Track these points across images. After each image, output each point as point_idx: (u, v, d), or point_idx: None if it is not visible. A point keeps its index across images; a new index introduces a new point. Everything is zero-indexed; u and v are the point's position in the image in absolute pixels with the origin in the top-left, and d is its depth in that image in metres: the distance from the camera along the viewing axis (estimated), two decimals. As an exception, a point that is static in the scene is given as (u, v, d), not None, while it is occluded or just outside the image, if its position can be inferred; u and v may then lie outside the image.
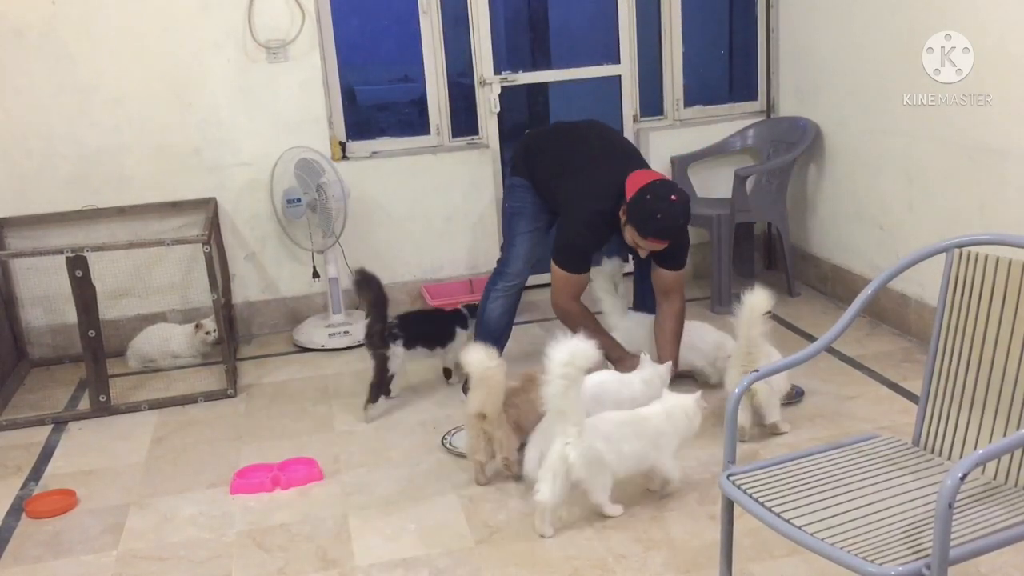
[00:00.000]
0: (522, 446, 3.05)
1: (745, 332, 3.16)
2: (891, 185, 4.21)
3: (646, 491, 2.99)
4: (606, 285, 3.88)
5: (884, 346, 4.09)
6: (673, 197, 3.33)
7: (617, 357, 3.54)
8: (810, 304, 4.67)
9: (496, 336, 3.76)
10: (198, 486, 3.24)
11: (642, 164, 3.63)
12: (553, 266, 3.57)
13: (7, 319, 4.39)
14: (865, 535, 1.87)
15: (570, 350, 2.64)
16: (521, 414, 3.06)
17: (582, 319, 3.52)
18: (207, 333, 4.31)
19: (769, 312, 3.19)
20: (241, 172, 4.59)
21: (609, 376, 3.23)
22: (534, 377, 3.18)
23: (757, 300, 3.12)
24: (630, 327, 3.80)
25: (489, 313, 3.84)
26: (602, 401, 3.13)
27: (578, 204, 3.55)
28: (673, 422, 2.89)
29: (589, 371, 2.77)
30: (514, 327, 4.63)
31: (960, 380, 2.20)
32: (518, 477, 3.06)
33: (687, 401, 2.93)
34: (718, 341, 3.68)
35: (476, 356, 2.98)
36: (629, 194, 3.38)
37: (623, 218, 3.42)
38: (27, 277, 4.40)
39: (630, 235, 3.42)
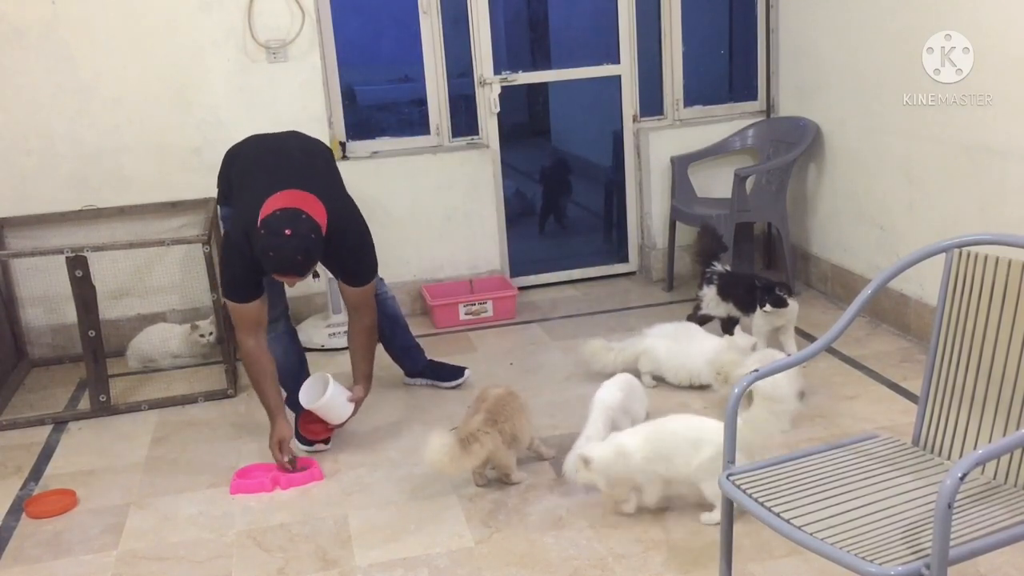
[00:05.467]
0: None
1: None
2: (891, 185, 4.21)
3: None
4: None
5: (884, 346, 4.09)
6: (287, 232, 2.90)
7: (273, 419, 3.27)
8: (810, 304, 4.67)
9: (295, 376, 3.48)
10: (198, 486, 3.24)
11: (301, 183, 3.11)
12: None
13: (7, 319, 4.38)
14: (865, 535, 1.87)
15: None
16: (516, 427, 3.06)
17: (252, 363, 3.22)
18: (201, 335, 4.30)
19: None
20: (241, 172, 4.58)
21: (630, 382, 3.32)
22: (512, 392, 3.18)
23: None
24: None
25: (277, 360, 3.37)
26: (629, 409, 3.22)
27: (227, 228, 3.26)
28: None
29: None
30: (515, 327, 4.66)
31: (960, 380, 2.20)
32: (517, 483, 3.08)
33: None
34: (720, 348, 3.68)
35: (433, 455, 2.92)
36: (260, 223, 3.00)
37: None
38: (27, 277, 4.40)
39: None
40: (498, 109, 4.95)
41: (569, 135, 5.90)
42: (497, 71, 4.95)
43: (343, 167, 4.53)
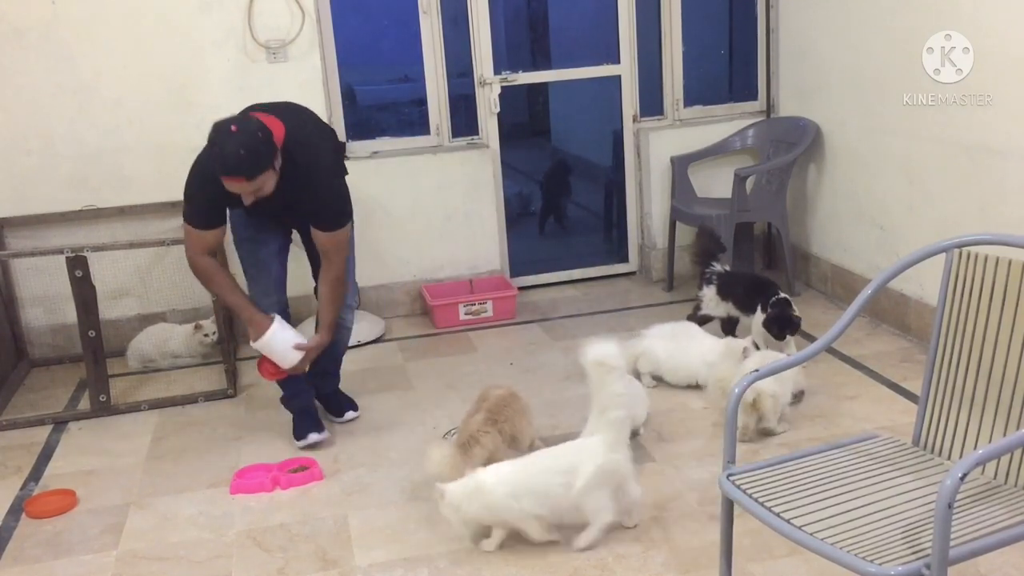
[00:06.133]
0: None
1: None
2: (891, 185, 4.21)
3: (646, 491, 2.99)
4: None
5: (884, 346, 4.09)
6: (233, 128, 2.93)
7: (248, 318, 3.29)
8: (810, 304, 4.67)
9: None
10: (198, 486, 3.24)
11: (268, 112, 3.13)
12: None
13: (7, 319, 4.38)
14: (865, 535, 1.87)
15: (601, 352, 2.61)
16: (516, 427, 3.06)
17: (210, 274, 3.27)
18: (205, 335, 4.30)
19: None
20: (241, 172, 4.58)
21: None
22: (514, 393, 3.18)
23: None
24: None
25: None
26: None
27: (199, 157, 3.20)
28: None
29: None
30: (515, 327, 4.66)
31: (960, 380, 2.20)
32: None
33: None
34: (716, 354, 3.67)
35: (434, 468, 2.93)
36: None
37: None
38: (27, 277, 4.40)
39: None
40: (498, 109, 4.95)
41: (569, 135, 5.90)
42: (497, 71, 4.95)
43: (343, 167, 4.57)
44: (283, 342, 3.30)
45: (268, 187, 3.04)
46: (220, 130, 2.95)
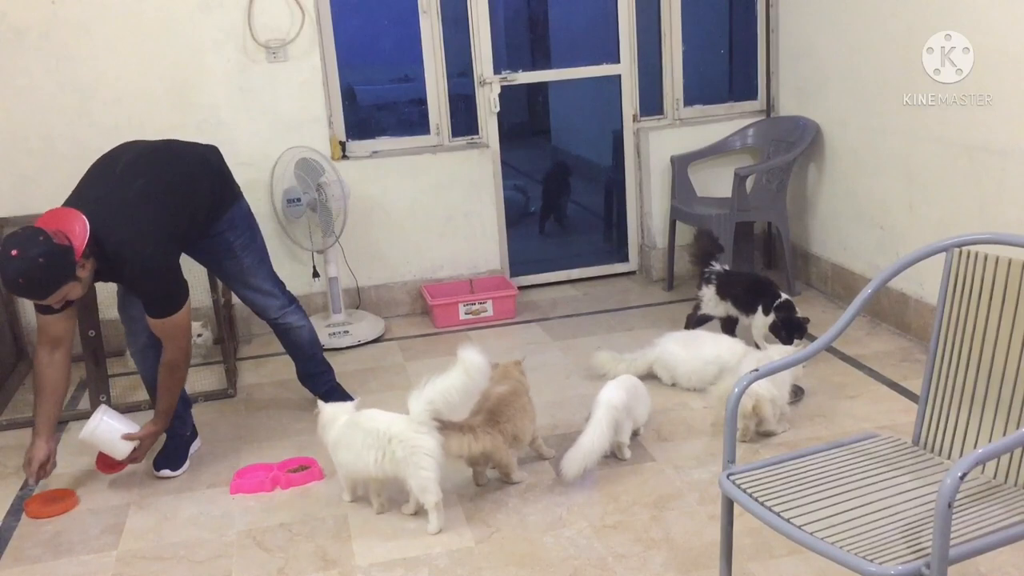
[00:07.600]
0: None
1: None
2: (891, 185, 4.21)
3: (646, 491, 3.00)
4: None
5: (884, 345, 4.09)
6: (14, 252, 2.75)
7: (34, 430, 3.16)
8: (810, 303, 4.67)
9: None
10: (198, 486, 3.24)
11: (87, 204, 3.00)
12: None
13: (7, 319, 4.38)
14: (865, 534, 1.87)
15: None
16: (517, 426, 3.04)
17: (36, 375, 3.19)
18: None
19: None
20: (241, 172, 4.50)
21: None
22: (520, 385, 3.18)
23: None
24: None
25: (143, 375, 3.41)
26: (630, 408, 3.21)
27: None
28: None
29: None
30: (515, 326, 4.66)
31: (960, 379, 2.20)
32: (517, 482, 3.09)
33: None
34: (742, 353, 3.67)
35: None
36: None
37: None
38: (27, 277, 4.39)
39: None
40: (498, 109, 4.95)
41: (569, 135, 5.91)
42: (497, 71, 4.95)
43: (343, 167, 4.58)
44: (109, 431, 3.16)
45: (74, 293, 2.93)
46: (3, 251, 2.78)
